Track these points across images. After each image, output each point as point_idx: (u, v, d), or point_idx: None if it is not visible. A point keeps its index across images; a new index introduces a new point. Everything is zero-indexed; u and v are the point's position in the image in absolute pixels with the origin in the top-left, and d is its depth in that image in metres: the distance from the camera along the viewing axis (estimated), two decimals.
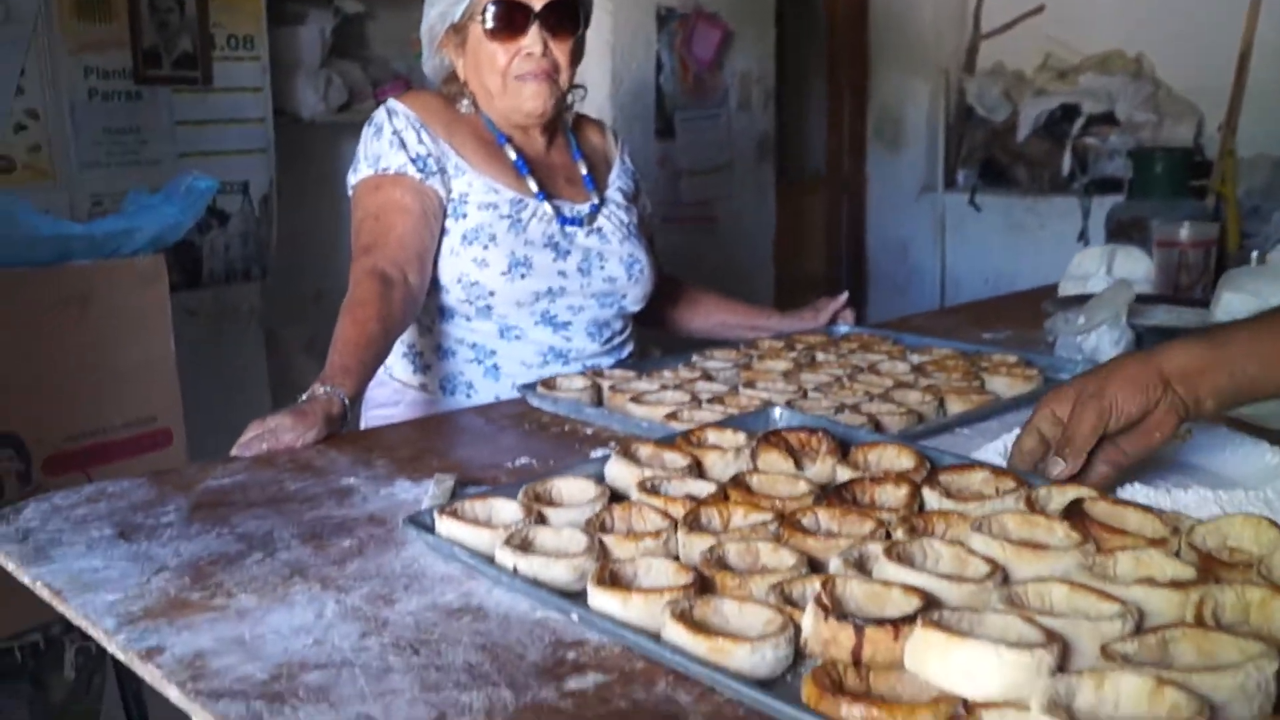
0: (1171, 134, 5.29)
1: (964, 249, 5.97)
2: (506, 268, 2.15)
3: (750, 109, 5.06)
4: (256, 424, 1.70)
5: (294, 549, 1.31)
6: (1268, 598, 0.96)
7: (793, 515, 1.25)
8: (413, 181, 2.13)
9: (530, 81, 2.17)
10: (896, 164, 6.27)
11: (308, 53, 3.91)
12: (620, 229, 2.29)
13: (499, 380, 2.23)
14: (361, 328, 1.90)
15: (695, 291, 2.63)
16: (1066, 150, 5.49)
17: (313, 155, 4.01)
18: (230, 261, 3.60)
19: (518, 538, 1.22)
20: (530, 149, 2.29)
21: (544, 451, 1.71)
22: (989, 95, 5.80)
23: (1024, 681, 0.86)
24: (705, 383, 1.98)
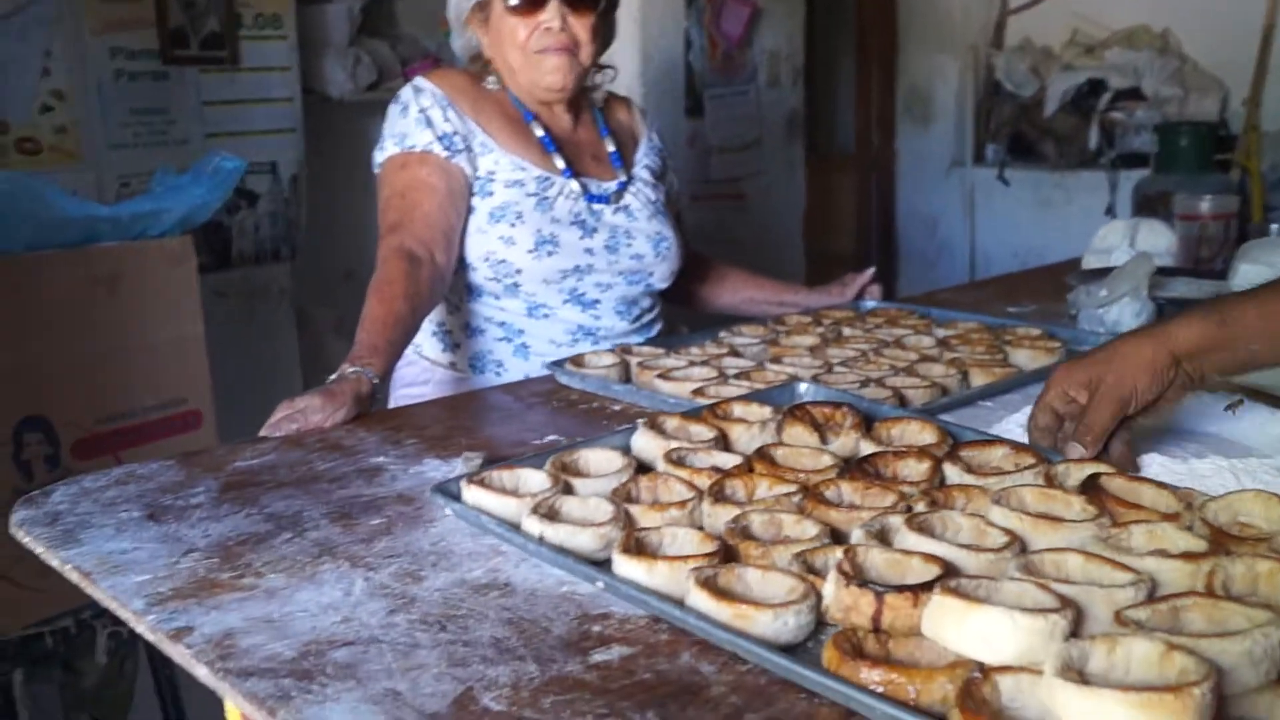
0: (1197, 109, 5.26)
1: (993, 224, 5.95)
2: (533, 245, 2.16)
3: (779, 86, 5.05)
4: (285, 405, 1.71)
5: (323, 528, 1.32)
6: (1276, 569, 0.97)
7: (816, 487, 1.26)
8: (439, 159, 2.14)
9: (550, 56, 2.18)
10: (925, 140, 6.25)
11: (336, 31, 3.91)
12: (647, 206, 2.30)
13: (528, 359, 2.24)
14: (389, 306, 1.91)
15: (723, 268, 2.63)
16: (1093, 125, 5.47)
17: (342, 134, 4.02)
18: (259, 242, 3.61)
19: (544, 506, 1.23)
20: (557, 126, 2.30)
21: (571, 428, 1.72)
22: (1017, 71, 5.78)
23: (1038, 646, 0.87)
24: (732, 358, 2.00)
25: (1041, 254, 5.60)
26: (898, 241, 6.45)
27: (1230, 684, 0.83)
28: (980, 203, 5.98)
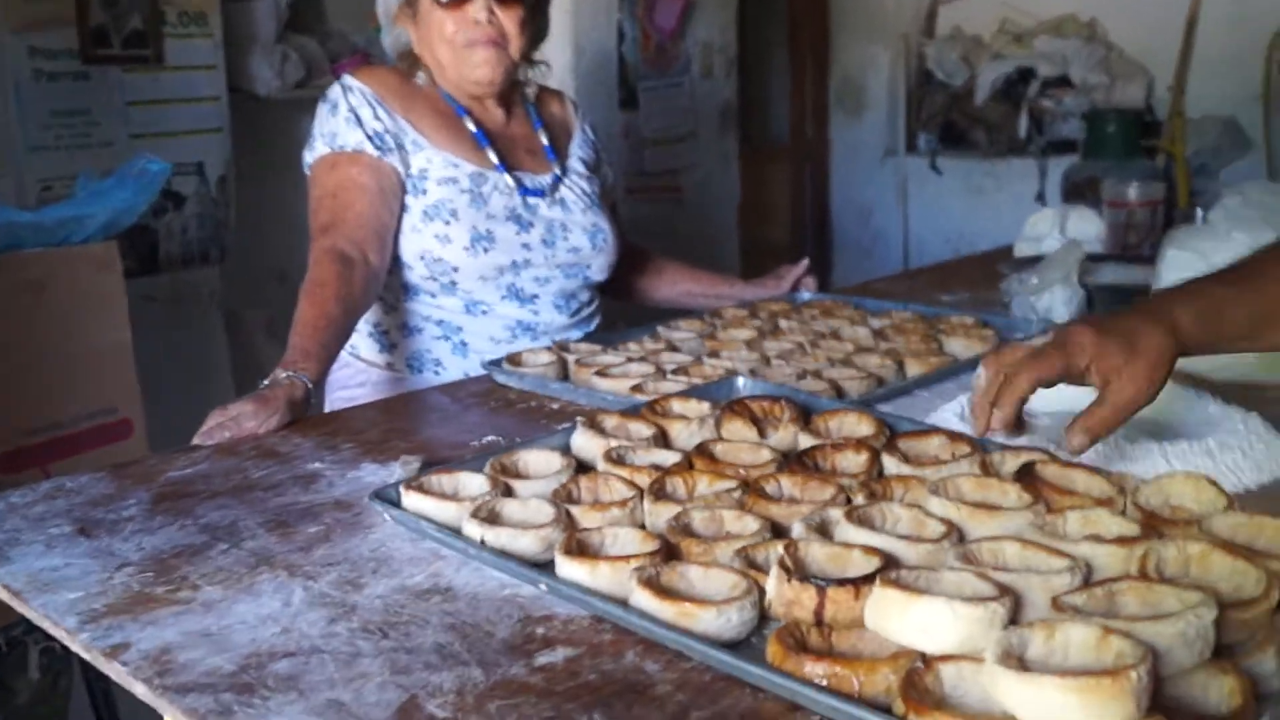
0: (1124, 95, 5.33)
1: (926, 211, 6.00)
2: (469, 243, 2.15)
3: (713, 78, 5.06)
4: (218, 412, 1.69)
5: (259, 537, 1.31)
6: (1206, 551, 0.99)
7: (756, 482, 1.27)
8: (370, 159, 2.13)
9: (479, 49, 2.17)
10: (858, 129, 6.28)
11: (263, 28, 3.84)
12: (583, 199, 2.30)
13: (467, 357, 2.23)
14: (321, 309, 1.89)
15: (660, 261, 2.63)
16: (1023, 113, 5.52)
17: (270, 133, 3.97)
18: (187, 245, 3.55)
19: (485, 510, 1.23)
20: (489, 121, 2.29)
21: (510, 428, 1.71)
22: (947, 60, 5.82)
23: (979, 634, 0.87)
24: (670, 353, 2.00)
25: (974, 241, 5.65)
26: (832, 231, 6.48)
27: (1165, 665, 0.85)
28: (913, 191, 6.02)
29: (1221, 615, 0.89)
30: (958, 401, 1.69)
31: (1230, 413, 1.60)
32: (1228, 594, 0.95)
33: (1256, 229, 1.85)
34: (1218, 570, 0.98)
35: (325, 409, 2.23)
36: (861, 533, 1.06)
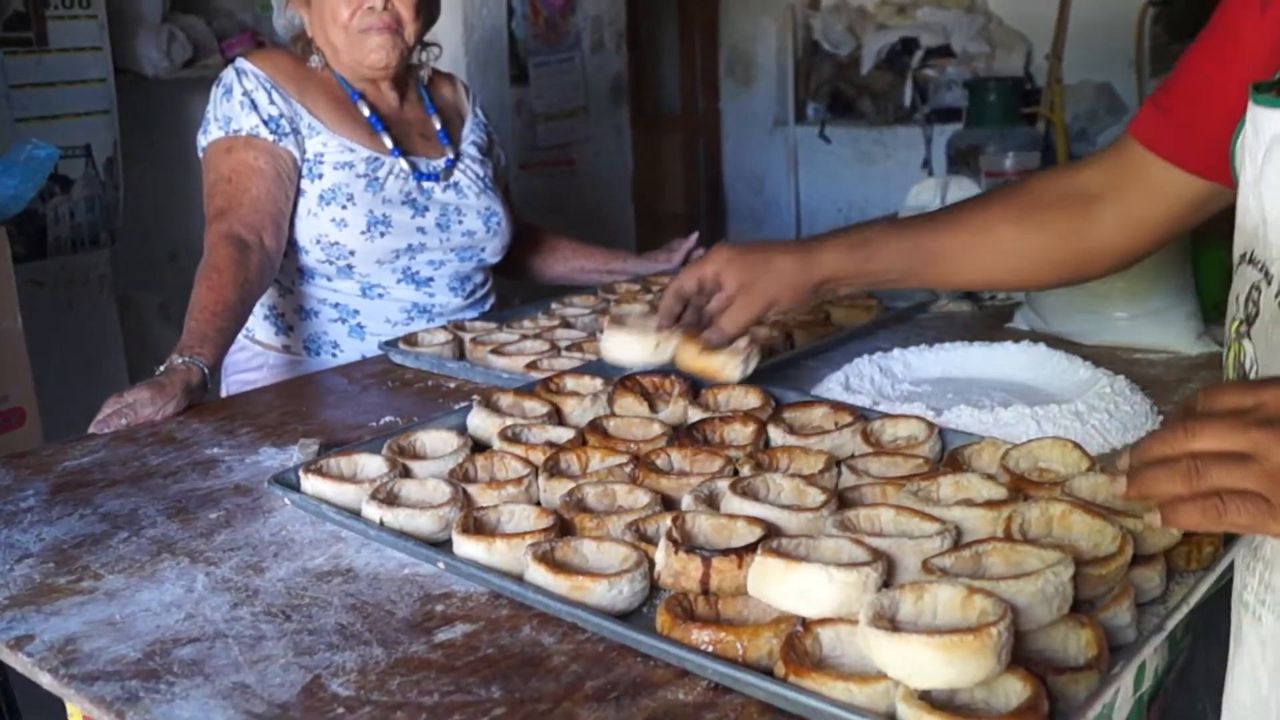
0: (1004, 64, 5.48)
1: (816, 179, 6.09)
2: (365, 227, 2.16)
3: (603, 51, 5.08)
4: (114, 399, 1.70)
5: (160, 525, 1.32)
6: (1067, 511, 1.05)
7: (647, 457, 1.31)
8: (265, 143, 2.13)
9: (374, 34, 2.17)
10: (749, 100, 6.36)
11: (148, 7, 3.78)
12: (476, 183, 2.32)
13: (364, 339, 2.25)
14: (218, 294, 1.89)
15: (553, 238, 2.66)
16: (908, 82, 5.64)
17: (158, 114, 3.91)
18: (76, 228, 3.49)
19: (383, 491, 1.26)
20: (384, 105, 2.30)
21: (408, 408, 1.74)
22: (833, 31, 5.91)
23: (854, 598, 0.93)
24: (564, 330, 2.03)
25: (863, 207, 5.76)
26: (725, 200, 6.56)
27: (1026, 620, 0.91)
28: (803, 159, 6.12)
29: (1079, 572, 0.95)
30: (843, 371, 1.75)
31: (1098, 375, 1.68)
32: (1087, 551, 1.01)
33: None
34: (1078, 529, 1.04)
35: (222, 392, 2.23)
36: (746, 504, 1.11)
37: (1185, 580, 1.08)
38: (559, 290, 2.38)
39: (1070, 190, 1.45)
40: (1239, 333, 1.17)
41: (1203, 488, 0.84)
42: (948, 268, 1.47)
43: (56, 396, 2.69)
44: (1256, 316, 1.13)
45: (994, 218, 1.46)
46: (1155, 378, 1.75)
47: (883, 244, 1.48)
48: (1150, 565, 1.03)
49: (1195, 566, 1.09)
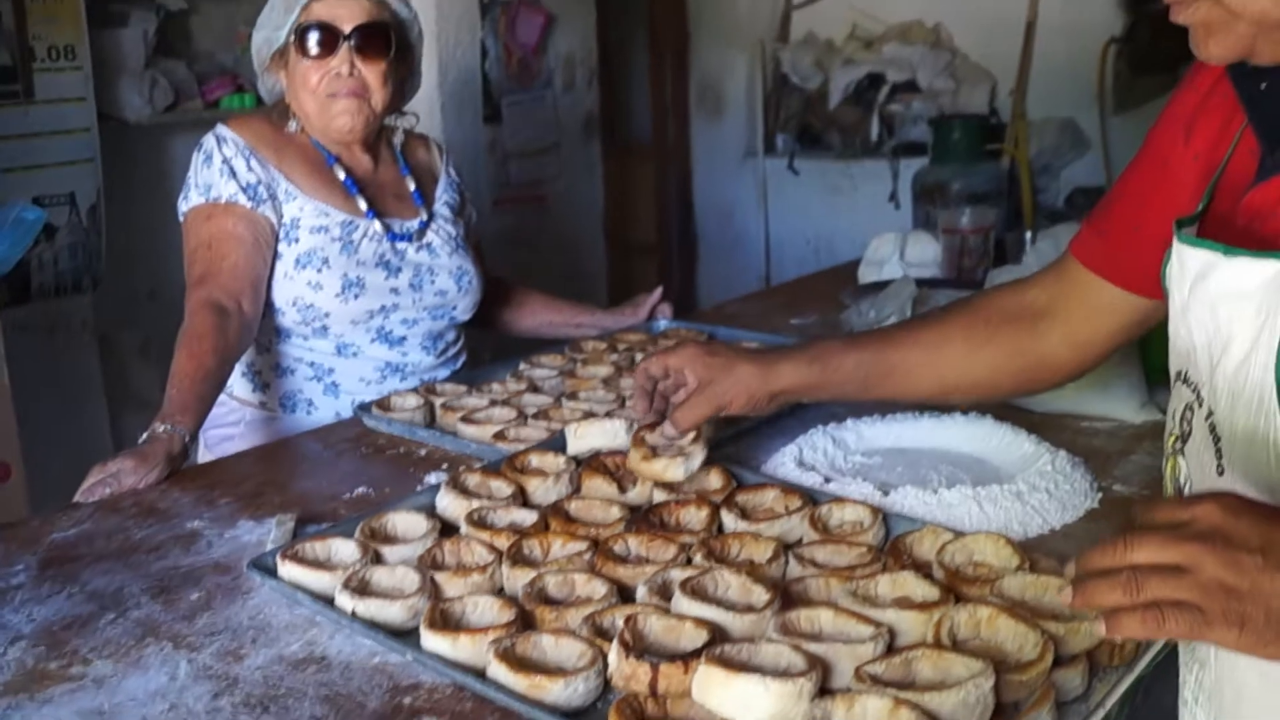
0: (969, 99, 5.56)
1: (785, 211, 6.16)
2: (340, 289, 2.24)
3: (575, 89, 5.16)
4: (98, 469, 1.77)
5: (144, 605, 1.39)
6: (994, 615, 1.13)
7: (605, 543, 1.39)
8: (244, 210, 2.20)
9: (340, 99, 2.25)
10: (719, 131, 6.43)
11: (131, 54, 3.85)
12: (449, 242, 2.39)
13: (338, 397, 2.32)
14: (199, 362, 1.97)
15: (522, 293, 2.74)
16: (874, 116, 5.72)
17: (140, 157, 3.97)
18: (60, 274, 3.56)
19: (355, 579, 1.33)
20: (359, 168, 2.37)
21: (380, 477, 1.81)
22: (802, 64, 5.99)
23: (790, 707, 1.01)
24: (532, 395, 2.11)
25: (831, 239, 5.84)
26: (696, 230, 6.63)
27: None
28: (773, 191, 6.19)
29: (1002, 678, 1.03)
30: (796, 443, 1.83)
31: (1041, 450, 1.76)
32: (1012, 654, 1.10)
33: None
34: (1004, 633, 1.12)
35: (200, 446, 2.29)
36: (694, 604, 1.19)
37: (1107, 678, 1.15)
38: (528, 347, 2.45)
39: (1018, 309, 1.54)
40: (1175, 448, 1.25)
41: (1142, 599, 0.89)
42: (903, 381, 1.57)
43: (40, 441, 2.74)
44: (1190, 435, 1.20)
45: (947, 334, 1.55)
46: (1099, 448, 1.83)
47: (841, 359, 1.58)
48: (1072, 666, 1.11)
49: (1117, 663, 1.16)
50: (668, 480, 1.56)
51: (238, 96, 4.03)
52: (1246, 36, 1.05)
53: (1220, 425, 1.13)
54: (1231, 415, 1.11)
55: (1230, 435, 1.11)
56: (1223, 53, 1.07)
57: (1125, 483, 1.70)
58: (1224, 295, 1.11)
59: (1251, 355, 1.08)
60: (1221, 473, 1.13)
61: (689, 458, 1.57)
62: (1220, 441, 1.13)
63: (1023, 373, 1.58)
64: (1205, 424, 1.15)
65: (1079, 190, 5.50)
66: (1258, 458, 1.08)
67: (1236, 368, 1.10)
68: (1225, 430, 1.12)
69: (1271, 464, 1.07)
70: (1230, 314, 1.11)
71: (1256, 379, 1.07)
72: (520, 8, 4.78)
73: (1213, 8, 1.04)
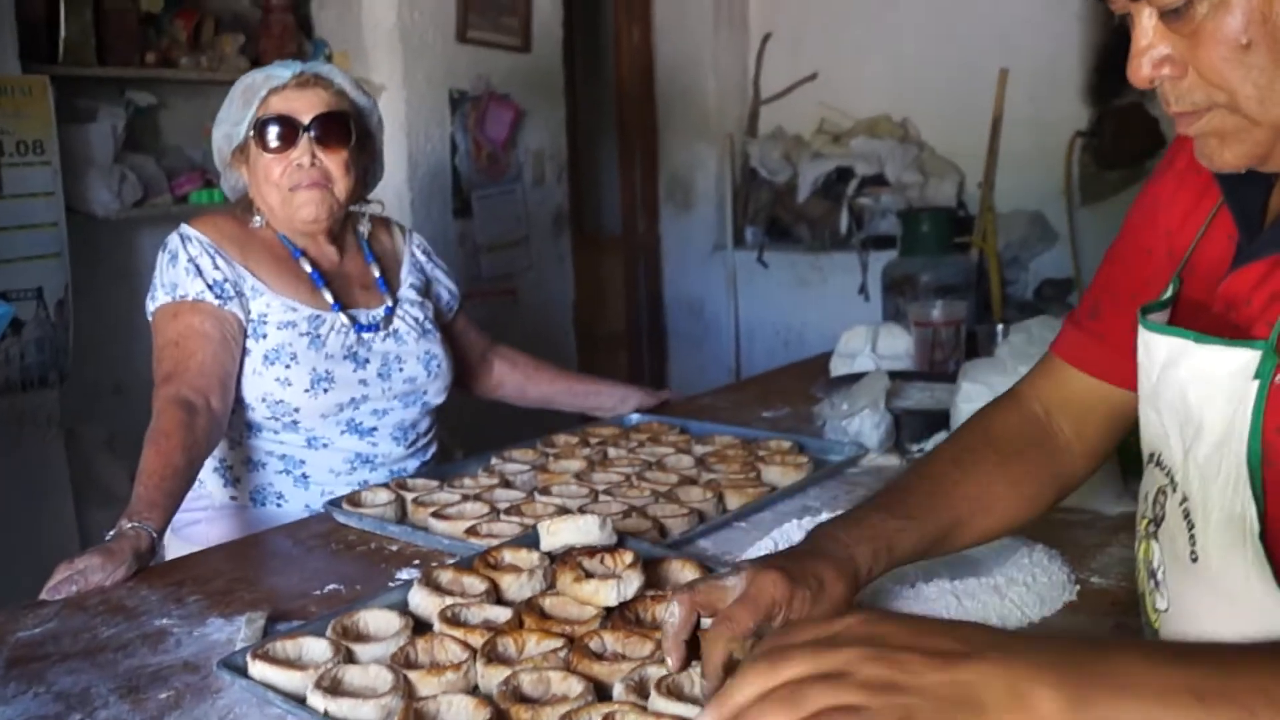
0: (937, 192, 5.65)
1: (755, 303, 6.22)
2: (309, 384, 2.24)
3: (544, 183, 5.21)
4: (65, 566, 1.74)
5: (112, 705, 1.37)
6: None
7: (581, 640, 1.38)
8: (211, 307, 2.20)
9: (303, 191, 2.26)
10: (688, 224, 6.50)
11: (99, 150, 3.85)
12: (416, 327, 2.40)
13: (308, 489, 2.31)
14: (166, 459, 1.96)
15: (535, 362, 2.83)
16: (843, 209, 5.80)
17: (108, 252, 3.97)
18: (26, 369, 3.53)
19: (327, 679, 1.31)
20: (324, 259, 2.38)
21: (351, 574, 1.80)
22: (770, 158, 6.08)
23: None
24: (504, 490, 2.10)
25: (801, 330, 5.89)
26: (665, 321, 6.67)
27: None
28: (742, 283, 6.25)
29: None
30: (771, 537, 1.83)
31: (1018, 544, 1.75)
32: None
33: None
34: None
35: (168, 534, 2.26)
36: (670, 704, 1.18)
37: None
38: (499, 441, 2.45)
39: (1031, 428, 1.50)
40: (1148, 531, 1.25)
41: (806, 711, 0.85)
42: (956, 541, 1.47)
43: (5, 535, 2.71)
44: (1163, 519, 1.20)
45: (986, 482, 1.46)
46: (1076, 540, 1.82)
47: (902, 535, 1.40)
48: None
49: None
50: (599, 604, 1.48)
51: (206, 191, 4.03)
52: (1264, 143, 1.05)
53: (1194, 511, 1.13)
54: (1205, 501, 1.11)
55: (1204, 521, 1.11)
56: (1237, 161, 1.07)
57: (1103, 575, 1.70)
58: (1195, 381, 1.12)
59: (1225, 442, 1.08)
60: (1195, 559, 1.13)
61: (623, 581, 1.49)
62: (1194, 528, 1.13)
63: (1055, 491, 1.53)
64: (1179, 509, 1.15)
65: (1048, 282, 5.58)
66: (1233, 543, 1.08)
67: (1209, 454, 1.10)
68: (1199, 516, 1.12)
69: (1247, 550, 1.07)
70: (1201, 399, 1.11)
71: (1231, 465, 1.07)
72: (490, 103, 4.84)
73: (1228, 116, 1.04)
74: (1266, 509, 1.06)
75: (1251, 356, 1.06)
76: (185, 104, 4.30)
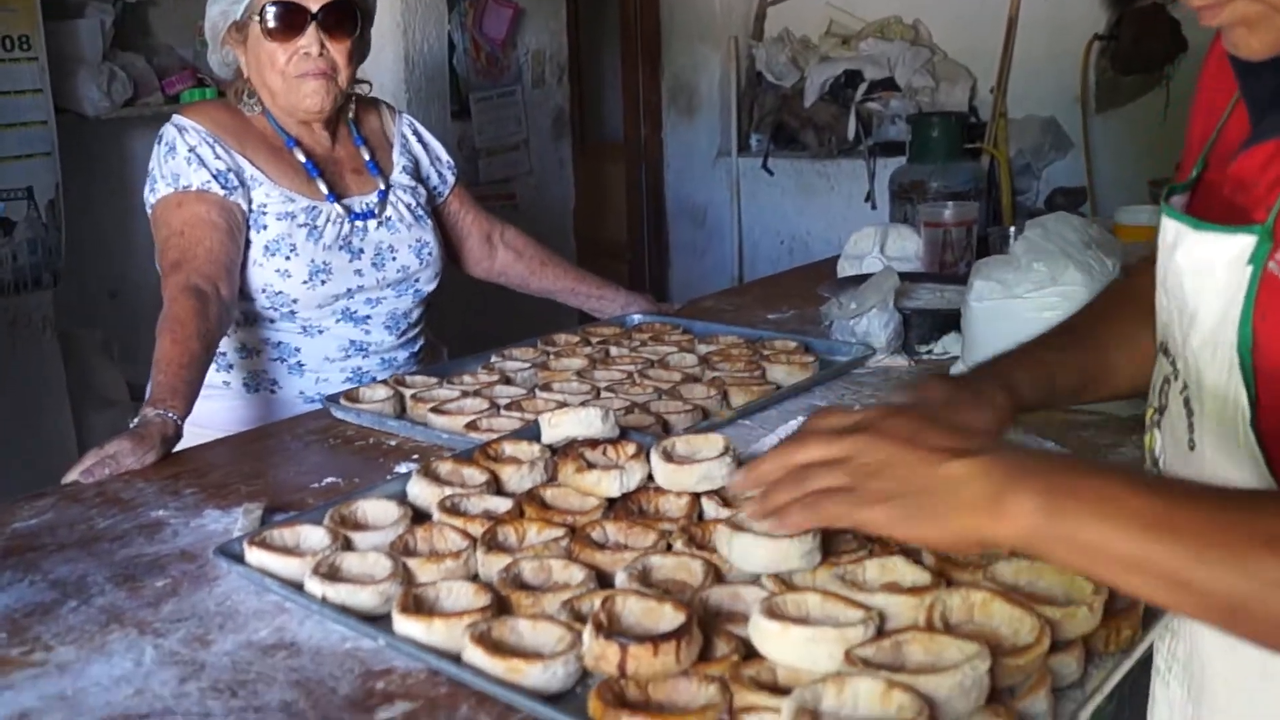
0: (948, 98, 5.53)
1: (759, 211, 6.14)
2: (308, 276, 2.21)
3: (545, 85, 5.13)
4: (94, 451, 1.74)
5: (108, 593, 1.35)
6: (989, 599, 1.10)
7: (583, 530, 1.36)
8: (217, 198, 2.16)
9: (309, 80, 2.22)
10: (691, 130, 6.40)
11: (88, 47, 3.78)
12: (408, 214, 2.37)
13: (303, 376, 2.31)
14: (184, 347, 1.93)
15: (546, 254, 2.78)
16: (851, 115, 5.69)
17: (99, 152, 3.91)
18: (19, 270, 3.49)
19: (325, 565, 1.29)
20: (318, 147, 2.34)
21: (349, 468, 1.78)
22: (777, 62, 5.97)
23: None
24: (504, 386, 2.07)
25: (806, 240, 5.83)
26: (667, 230, 6.60)
27: (945, 713, 0.96)
28: (746, 191, 6.16)
29: (997, 662, 1.00)
30: (775, 434, 1.80)
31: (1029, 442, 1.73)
32: (1007, 639, 1.07)
33: (1055, 261, 1.99)
34: (998, 617, 1.09)
35: None
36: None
37: (1104, 664, 1.13)
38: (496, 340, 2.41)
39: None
40: (1153, 420, 1.23)
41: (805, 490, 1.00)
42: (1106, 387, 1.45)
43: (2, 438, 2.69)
44: (1166, 408, 1.19)
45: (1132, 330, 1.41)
46: (1088, 440, 1.79)
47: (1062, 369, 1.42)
48: (1068, 651, 1.08)
49: (1114, 649, 1.14)
50: (602, 495, 1.47)
51: (199, 90, 3.96)
52: None
53: (1192, 399, 1.12)
54: (1200, 390, 1.10)
55: (1200, 410, 1.11)
56: (1265, 48, 1.03)
57: None
58: (1191, 268, 1.10)
59: (1218, 330, 1.06)
60: (1193, 446, 1.12)
61: (625, 472, 1.47)
62: (1192, 415, 1.12)
63: None
64: (1180, 397, 1.14)
65: (1059, 190, 5.49)
66: (1226, 431, 1.07)
67: (1203, 342, 1.09)
68: (1196, 404, 1.11)
69: (1239, 440, 1.05)
70: (1196, 287, 1.10)
71: (1224, 353, 1.06)
72: (489, 1, 4.74)
73: (1250, 4, 1.01)
74: (1258, 396, 1.03)
75: (1248, 242, 1.03)
76: (175, 1, 4.21)
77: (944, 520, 0.95)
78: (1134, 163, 5.10)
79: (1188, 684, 1.22)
